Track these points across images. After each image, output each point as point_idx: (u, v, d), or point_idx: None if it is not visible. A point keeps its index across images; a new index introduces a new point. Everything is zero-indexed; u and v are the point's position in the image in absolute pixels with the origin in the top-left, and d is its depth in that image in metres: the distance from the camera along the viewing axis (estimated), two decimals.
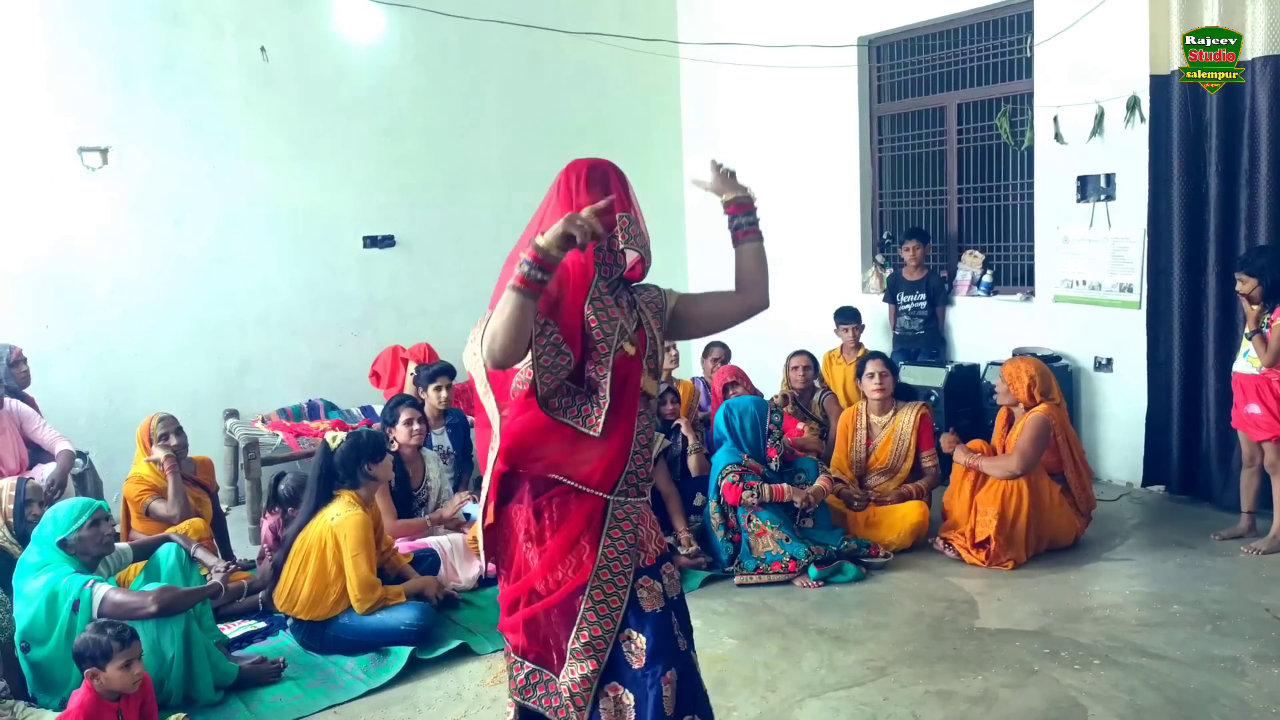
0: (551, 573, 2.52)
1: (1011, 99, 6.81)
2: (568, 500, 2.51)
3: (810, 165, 7.95)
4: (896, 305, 7.24)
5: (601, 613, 2.51)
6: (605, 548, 2.51)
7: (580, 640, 2.51)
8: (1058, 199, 6.45)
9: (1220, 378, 5.51)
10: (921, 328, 7.11)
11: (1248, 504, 5.21)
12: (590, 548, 2.51)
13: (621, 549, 2.52)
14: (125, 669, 3.12)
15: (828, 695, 3.69)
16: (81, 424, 6.33)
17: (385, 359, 7.17)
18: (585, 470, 2.51)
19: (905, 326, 7.19)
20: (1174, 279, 5.76)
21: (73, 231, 6.43)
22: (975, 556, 5.00)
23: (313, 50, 7.20)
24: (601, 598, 2.50)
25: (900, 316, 7.22)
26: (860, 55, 7.60)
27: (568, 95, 8.32)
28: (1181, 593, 4.53)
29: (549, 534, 2.51)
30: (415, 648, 4.11)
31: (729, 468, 5.03)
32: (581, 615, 2.50)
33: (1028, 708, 3.52)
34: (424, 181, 7.64)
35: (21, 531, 4.11)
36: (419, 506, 5.25)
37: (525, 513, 2.52)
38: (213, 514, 5.19)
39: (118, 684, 3.11)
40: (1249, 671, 3.72)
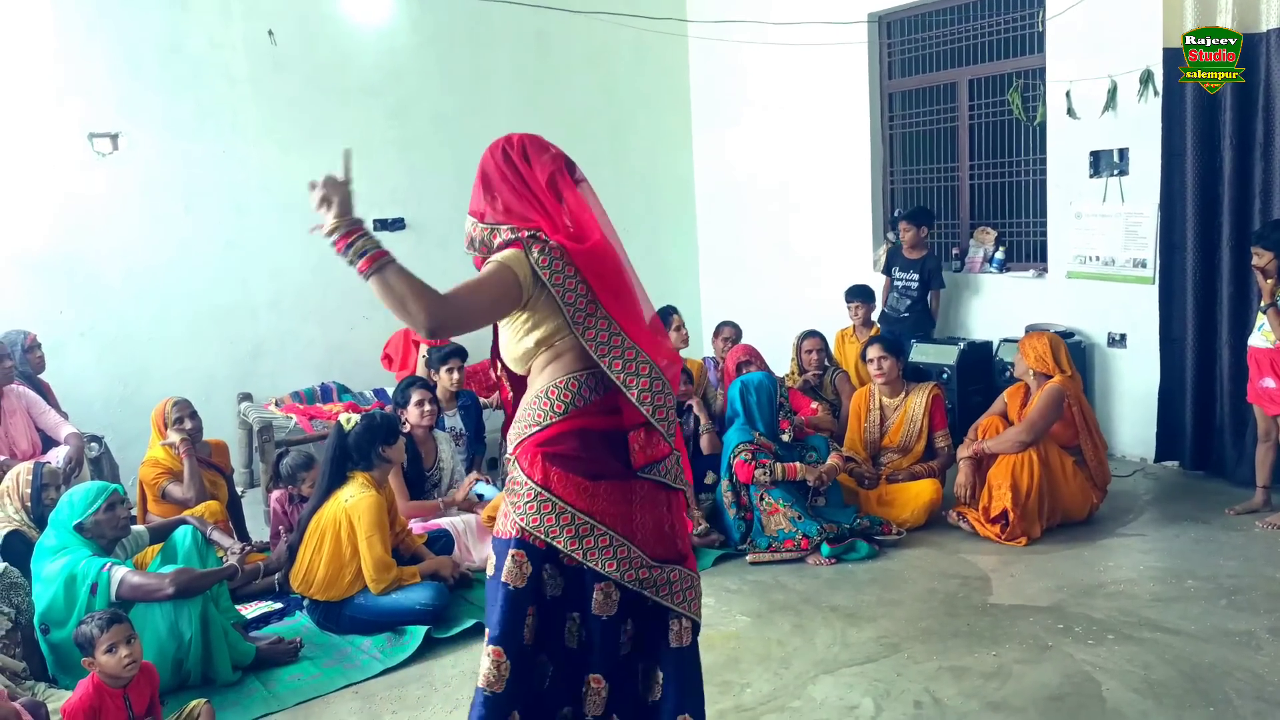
0: None
1: (1023, 74, 6.76)
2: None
3: (821, 143, 7.91)
4: (891, 279, 7.14)
5: None
6: None
7: None
8: (1070, 174, 6.41)
9: (1235, 352, 5.49)
10: (908, 310, 6.94)
11: (1263, 478, 5.19)
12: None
13: None
14: (110, 653, 3.08)
15: (841, 671, 3.70)
16: (96, 409, 6.38)
17: (397, 341, 7.18)
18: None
19: (893, 306, 7.07)
20: (1188, 254, 5.73)
21: (85, 217, 6.44)
22: (989, 530, 5.00)
23: (320, 33, 7.18)
24: None
25: (891, 293, 7.12)
26: (870, 31, 7.55)
27: (577, 75, 8.28)
28: (1196, 567, 4.52)
29: None
30: (431, 627, 4.15)
31: (741, 446, 5.04)
32: None
33: (1041, 683, 3.53)
34: (433, 164, 7.62)
35: (39, 515, 4.15)
36: (431, 488, 5.27)
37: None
38: (228, 497, 5.22)
39: (110, 669, 3.09)
40: (1264, 645, 3.71)
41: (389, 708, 3.66)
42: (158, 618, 3.70)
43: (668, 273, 8.70)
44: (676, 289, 8.39)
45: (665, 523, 2.58)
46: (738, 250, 8.65)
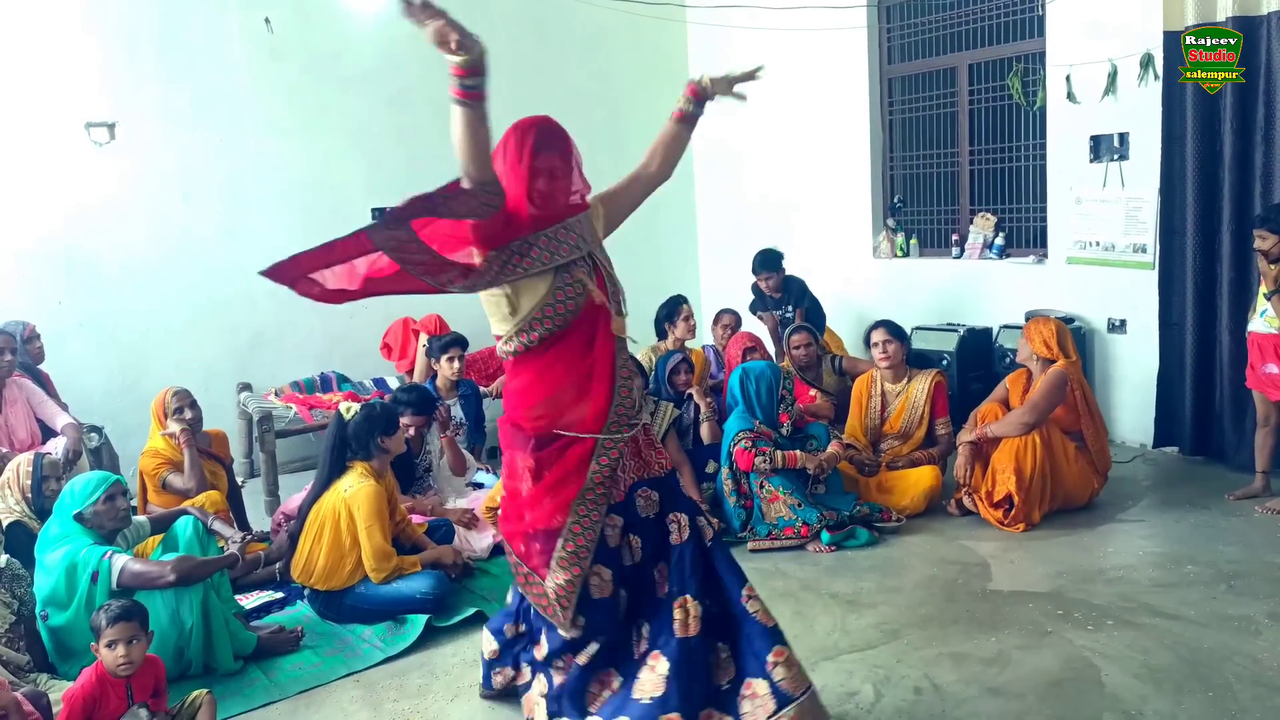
0: (542, 502, 2.86)
1: (1023, 58, 6.73)
2: (565, 448, 2.84)
3: (820, 128, 7.88)
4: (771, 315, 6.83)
5: (585, 525, 2.85)
6: (592, 473, 2.83)
7: (565, 550, 2.85)
8: (1070, 159, 6.39)
9: (1234, 338, 5.48)
10: None
11: (1262, 464, 5.20)
12: (578, 477, 2.83)
13: (599, 480, 2.84)
14: (110, 648, 3.08)
15: (841, 658, 3.71)
16: (96, 399, 6.37)
17: (396, 331, 7.18)
18: (579, 418, 2.83)
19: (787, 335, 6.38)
20: (1188, 239, 5.71)
21: (82, 208, 6.43)
22: (992, 514, 5.00)
23: (317, 21, 7.15)
24: (585, 512, 2.84)
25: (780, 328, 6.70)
26: (870, 16, 7.51)
27: (574, 62, 8.25)
28: (1195, 553, 4.53)
29: (546, 474, 2.85)
30: (431, 616, 4.15)
31: (741, 434, 5.04)
32: (566, 529, 2.84)
33: (1041, 668, 3.54)
34: (432, 152, 7.49)
35: (39, 507, 4.16)
36: (424, 472, 5.27)
37: (528, 461, 2.86)
38: (228, 487, 5.22)
39: (107, 663, 3.09)
40: (1263, 630, 3.72)
41: (390, 696, 3.67)
42: (159, 607, 3.70)
43: (666, 260, 8.69)
44: (676, 276, 8.38)
45: None
46: (737, 237, 8.62)
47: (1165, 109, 5.72)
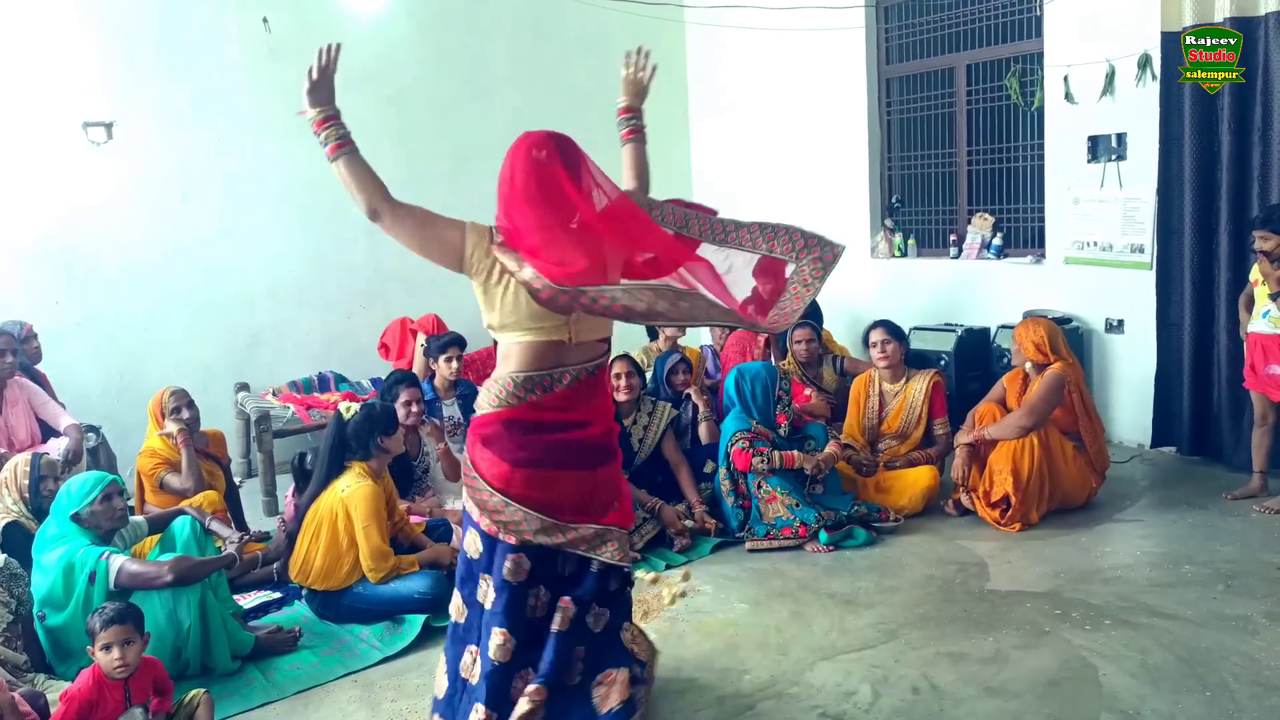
0: None
1: (1021, 59, 6.74)
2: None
3: (818, 129, 7.89)
4: None
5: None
6: None
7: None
8: (1068, 160, 6.39)
9: (1232, 337, 5.49)
10: None
11: (1259, 463, 5.20)
12: None
13: None
14: (105, 651, 3.07)
15: (839, 658, 3.71)
16: (94, 399, 6.37)
17: (394, 330, 7.17)
18: None
19: None
20: (1185, 239, 5.72)
21: (80, 207, 6.42)
22: (990, 514, 5.00)
23: (315, 20, 7.14)
24: None
25: None
26: (868, 16, 7.52)
27: (573, 62, 8.25)
28: (1193, 553, 4.53)
29: None
30: (429, 615, 4.14)
31: (739, 434, 5.04)
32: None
33: (1039, 668, 3.54)
34: (430, 152, 7.60)
35: (37, 507, 4.15)
36: (422, 473, 5.27)
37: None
38: (226, 486, 5.22)
39: (102, 665, 3.07)
40: (1261, 630, 3.73)
41: (388, 696, 3.67)
42: (156, 607, 3.69)
43: None
44: None
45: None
46: None
47: (1163, 109, 5.72)
